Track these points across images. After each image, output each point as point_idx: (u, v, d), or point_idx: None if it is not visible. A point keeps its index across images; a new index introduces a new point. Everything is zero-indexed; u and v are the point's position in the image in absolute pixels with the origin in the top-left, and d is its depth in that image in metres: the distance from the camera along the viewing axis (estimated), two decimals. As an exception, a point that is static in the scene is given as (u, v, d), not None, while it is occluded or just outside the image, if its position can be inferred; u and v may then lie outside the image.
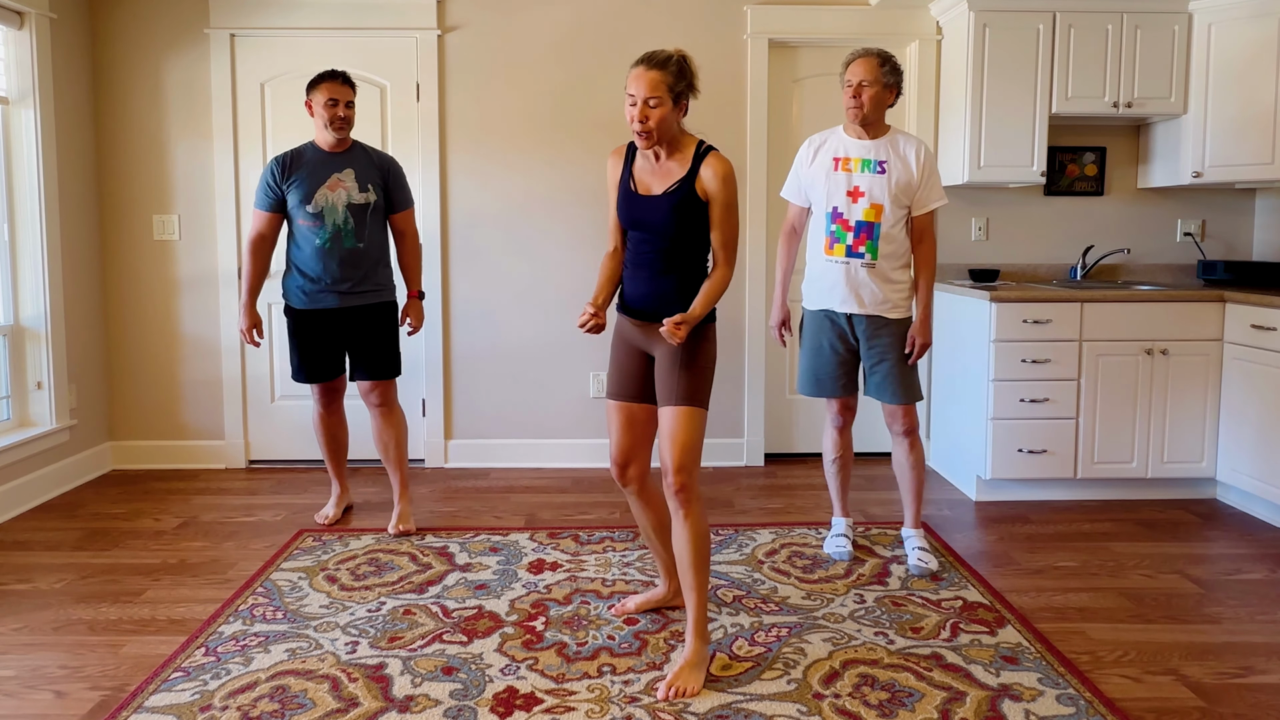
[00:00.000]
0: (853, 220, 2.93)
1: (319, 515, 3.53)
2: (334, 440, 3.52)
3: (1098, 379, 3.67)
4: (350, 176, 3.25)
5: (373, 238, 3.31)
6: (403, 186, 3.39)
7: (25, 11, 3.66)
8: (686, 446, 2.28)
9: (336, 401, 3.48)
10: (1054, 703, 2.18)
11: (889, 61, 2.90)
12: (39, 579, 2.95)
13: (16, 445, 3.61)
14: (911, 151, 2.92)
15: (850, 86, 2.90)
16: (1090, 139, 4.30)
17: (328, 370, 3.38)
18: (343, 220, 3.24)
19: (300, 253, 3.27)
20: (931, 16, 4.19)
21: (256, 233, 3.29)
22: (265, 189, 3.26)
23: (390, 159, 3.39)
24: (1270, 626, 2.63)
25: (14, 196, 3.76)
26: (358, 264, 3.28)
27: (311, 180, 3.22)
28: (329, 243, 3.23)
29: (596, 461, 4.33)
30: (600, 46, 4.18)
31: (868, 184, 2.91)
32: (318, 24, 4.12)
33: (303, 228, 3.24)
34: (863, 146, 2.94)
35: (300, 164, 3.24)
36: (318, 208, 3.22)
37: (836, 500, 3.24)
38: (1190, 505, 3.72)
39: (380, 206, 3.32)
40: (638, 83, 2.21)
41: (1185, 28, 3.90)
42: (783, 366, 4.43)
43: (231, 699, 2.20)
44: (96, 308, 4.18)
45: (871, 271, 2.92)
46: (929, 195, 2.93)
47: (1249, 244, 4.35)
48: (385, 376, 3.39)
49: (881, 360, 2.98)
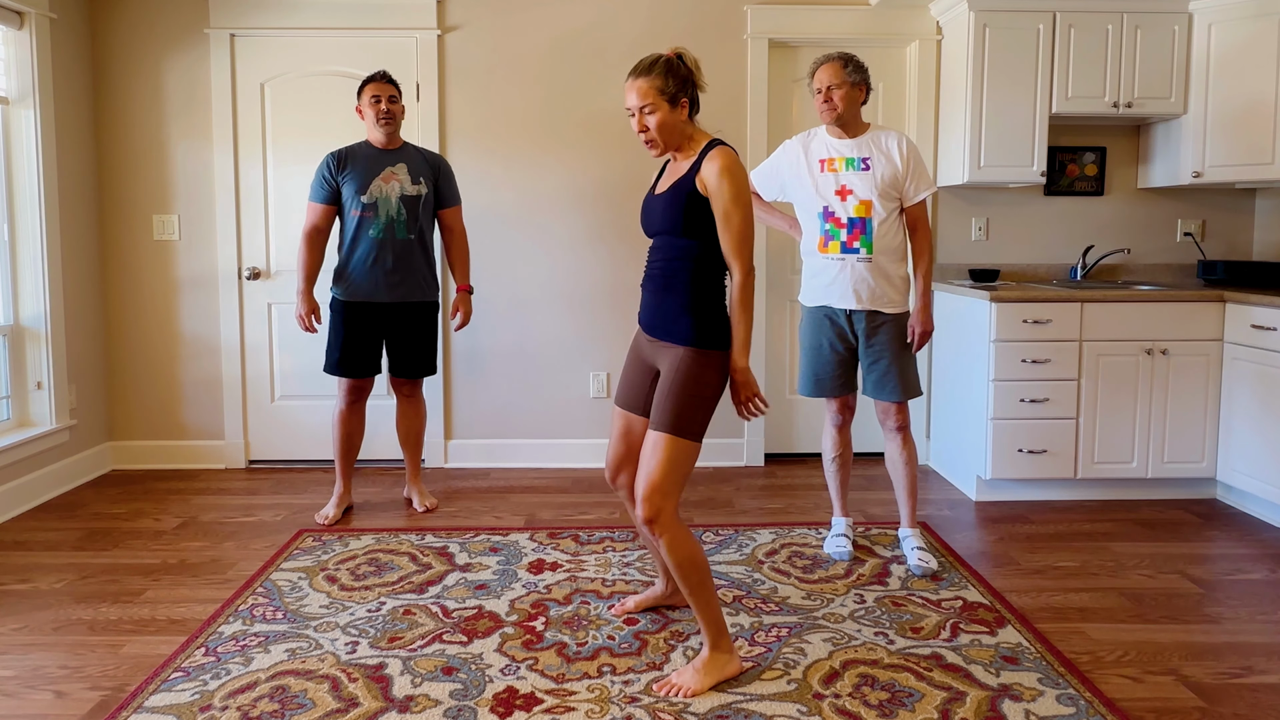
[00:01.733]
0: (844, 218, 2.98)
1: (319, 515, 3.53)
2: (349, 440, 3.56)
3: (1098, 379, 3.67)
4: (403, 170, 3.41)
5: (423, 231, 3.46)
6: (452, 183, 3.55)
7: (25, 11, 3.66)
8: (657, 476, 2.17)
9: (362, 401, 3.54)
10: (1054, 703, 2.18)
11: (850, 61, 2.96)
12: (39, 579, 2.95)
13: (16, 445, 3.61)
14: (894, 145, 2.96)
15: (820, 92, 2.97)
16: (1090, 139, 4.30)
17: (365, 366, 3.46)
18: (396, 211, 3.38)
19: (357, 243, 3.39)
20: (931, 16, 4.19)
21: (311, 225, 3.42)
22: (320, 181, 3.40)
23: (441, 157, 3.57)
24: (1270, 626, 2.63)
25: (14, 196, 3.76)
26: (408, 256, 3.42)
27: (367, 173, 3.38)
28: (383, 232, 3.37)
29: (597, 461, 4.33)
30: (600, 46, 4.18)
31: (854, 181, 2.96)
32: (318, 24, 4.12)
33: (356, 219, 3.38)
34: (845, 145, 3.00)
35: (355, 158, 3.40)
36: (372, 198, 3.36)
37: (836, 500, 3.24)
38: (1190, 505, 3.72)
39: (430, 201, 3.47)
40: (630, 94, 2.22)
41: (1185, 28, 3.90)
42: (783, 366, 4.43)
43: (231, 699, 2.20)
44: (96, 308, 4.18)
45: (869, 266, 2.96)
46: (917, 186, 2.97)
47: (1249, 244, 4.35)
48: (422, 374, 3.56)
49: (880, 357, 3.00)
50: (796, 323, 4.40)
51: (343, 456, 3.57)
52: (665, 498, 2.18)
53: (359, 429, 3.58)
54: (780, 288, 4.38)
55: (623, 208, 4.24)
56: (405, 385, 3.58)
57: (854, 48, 4.21)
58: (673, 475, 2.19)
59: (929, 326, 3.02)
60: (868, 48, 4.22)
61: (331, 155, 3.41)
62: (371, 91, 3.38)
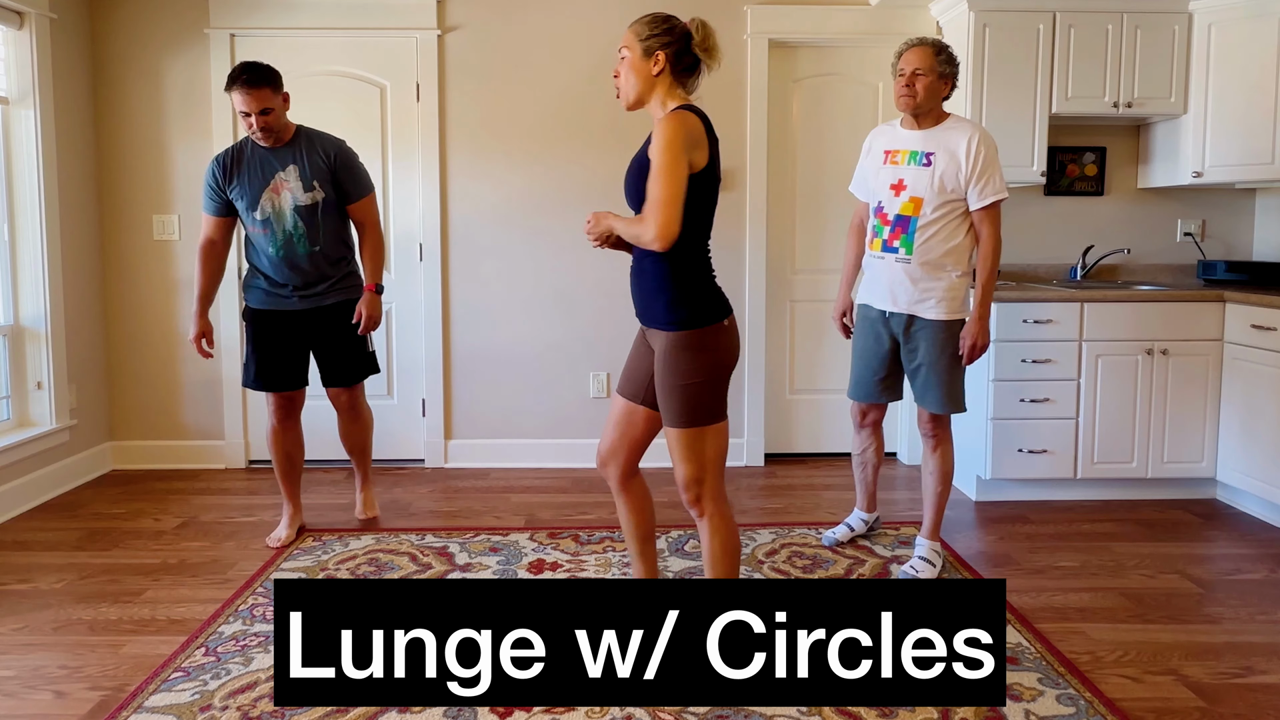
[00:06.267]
0: (891, 214, 2.86)
1: (270, 538, 3.26)
2: (288, 459, 3.25)
3: (1098, 379, 3.67)
4: (294, 175, 3.01)
5: (329, 236, 3.09)
6: (355, 174, 3.11)
7: (25, 11, 3.66)
8: (682, 471, 2.17)
9: (294, 416, 3.23)
10: (1054, 703, 2.18)
11: (945, 51, 2.79)
12: (39, 579, 2.95)
13: (16, 445, 3.61)
14: (962, 142, 2.75)
15: (903, 75, 2.78)
16: (1090, 139, 4.30)
17: (287, 378, 3.14)
18: (292, 225, 3.02)
19: (260, 258, 3.11)
20: (931, 16, 4.19)
21: (205, 238, 3.10)
22: (209, 193, 3.06)
23: (337, 145, 3.09)
24: (1270, 626, 2.63)
25: (14, 196, 3.75)
26: (316, 267, 3.09)
27: (253, 185, 3.00)
28: (282, 250, 3.04)
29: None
30: (600, 46, 4.18)
31: (912, 177, 2.81)
32: (318, 24, 4.12)
33: (254, 234, 3.07)
34: (912, 138, 2.84)
35: (240, 164, 3.02)
36: (265, 214, 3.01)
37: (857, 493, 3.27)
38: (1190, 505, 3.72)
39: (332, 202, 3.07)
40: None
41: (1185, 28, 3.89)
42: (783, 366, 4.43)
43: (231, 699, 2.20)
44: (96, 308, 4.18)
45: (907, 268, 2.83)
46: (983, 190, 2.75)
47: (1249, 244, 4.35)
48: (353, 381, 3.24)
49: (919, 364, 2.89)
50: (796, 323, 4.41)
51: (284, 476, 3.27)
52: (706, 478, 2.17)
53: (296, 445, 3.26)
54: (780, 288, 4.38)
55: (623, 206, 4.23)
56: (341, 394, 3.23)
57: (854, 48, 4.21)
58: (704, 458, 2.16)
59: (981, 340, 2.83)
60: (868, 48, 4.22)
61: (215, 161, 3.02)
62: (237, 104, 2.88)
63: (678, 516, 3.54)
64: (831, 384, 4.40)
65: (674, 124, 2.04)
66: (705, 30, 2.13)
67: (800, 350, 4.43)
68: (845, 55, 4.29)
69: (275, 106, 2.94)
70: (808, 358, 4.43)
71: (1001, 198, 2.78)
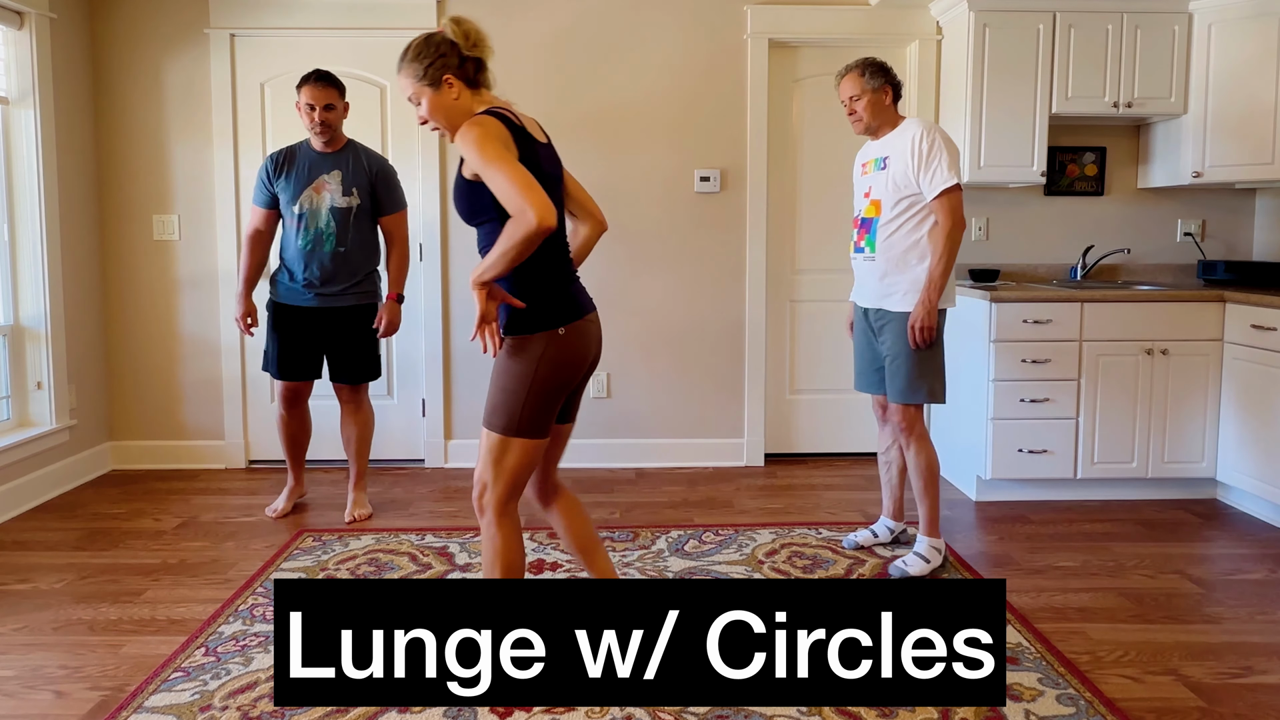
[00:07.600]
0: (860, 217, 3.07)
1: (269, 509, 3.55)
2: (294, 441, 3.55)
3: (1098, 379, 3.67)
4: (336, 179, 3.29)
5: (357, 242, 3.33)
6: (392, 190, 3.39)
7: (25, 11, 3.66)
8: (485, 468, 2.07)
9: (300, 405, 3.50)
10: (1054, 703, 2.18)
11: (868, 68, 2.94)
12: (39, 579, 2.95)
13: (16, 445, 3.61)
14: (909, 139, 2.87)
15: (845, 105, 3.00)
16: (1090, 139, 4.30)
17: (301, 370, 3.40)
18: (325, 223, 3.28)
19: (288, 249, 3.35)
20: (931, 16, 4.19)
21: (253, 228, 3.39)
22: (260, 186, 3.35)
23: (381, 162, 3.40)
24: (1270, 626, 2.63)
25: (14, 196, 3.75)
26: (339, 267, 3.32)
27: (299, 181, 3.28)
28: (310, 244, 3.28)
29: (597, 461, 4.33)
30: (599, 46, 4.18)
31: (875, 182, 3.00)
32: (317, 24, 4.12)
33: (289, 225, 3.33)
34: (875, 147, 3.05)
35: (292, 163, 3.31)
36: (302, 209, 3.27)
37: (883, 497, 3.28)
38: (1190, 505, 3.72)
39: (366, 210, 3.34)
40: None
41: (1185, 28, 3.89)
42: (783, 366, 4.43)
43: (231, 699, 2.20)
44: (96, 308, 4.18)
45: (872, 265, 3.00)
46: (933, 178, 2.81)
47: (1249, 244, 4.35)
48: (359, 380, 3.46)
49: (887, 355, 3.02)
50: (796, 323, 4.42)
51: (290, 454, 3.57)
52: (488, 490, 2.07)
53: (303, 431, 3.56)
54: (781, 288, 4.38)
55: (620, 205, 4.23)
56: (345, 391, 3.47)
57: (854, 48, 4.21)
58: (493, 469, 2.06)
59: (923, 322, 2.85)
60: (868, 48, 4.21)
61: (270, 158, 3.32)
62: (305, 97, 3.20)
63: (678, 516, 3.54)
64: (832, 384, 4.40)
65: (471, 132, 1.94)
66: (463, 26, 2.02)
67: (801, 350, 4.43)
68: (846, 55, 4.23)
69: (337, 106, 3.25)
70: (808, 358, 4.43)
71: (951, 184, 2.81)
